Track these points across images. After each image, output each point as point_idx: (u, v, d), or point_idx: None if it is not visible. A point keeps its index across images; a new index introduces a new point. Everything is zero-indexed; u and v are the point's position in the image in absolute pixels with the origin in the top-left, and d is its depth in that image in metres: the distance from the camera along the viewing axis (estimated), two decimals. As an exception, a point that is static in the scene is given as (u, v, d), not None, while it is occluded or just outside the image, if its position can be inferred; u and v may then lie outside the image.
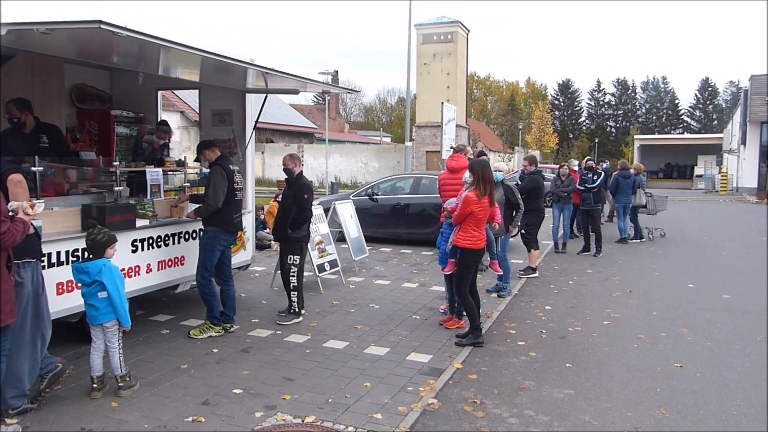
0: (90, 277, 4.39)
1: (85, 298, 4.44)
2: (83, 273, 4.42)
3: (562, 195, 11.70)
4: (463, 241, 5.92)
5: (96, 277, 4.38)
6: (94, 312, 4.43)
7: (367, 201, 12.27)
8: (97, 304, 4.41)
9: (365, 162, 39.31)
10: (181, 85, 8.59)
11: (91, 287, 4.40)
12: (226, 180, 5.94)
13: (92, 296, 4.41)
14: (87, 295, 4.43)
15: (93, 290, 4.41)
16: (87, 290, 4.42)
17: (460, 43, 37.95)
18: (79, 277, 4.44)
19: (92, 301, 4.42)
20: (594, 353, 5.74)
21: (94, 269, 4.40)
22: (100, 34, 4.07)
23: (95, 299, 4.41)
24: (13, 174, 4.11)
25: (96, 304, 4.41)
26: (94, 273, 4.39)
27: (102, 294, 4.41)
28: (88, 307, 4.44)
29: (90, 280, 4.39)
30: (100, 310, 4.42)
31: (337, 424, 4.10)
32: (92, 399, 4.43)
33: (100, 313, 4.43)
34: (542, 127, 65.21)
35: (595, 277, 9.46)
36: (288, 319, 6.53)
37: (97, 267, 4.41)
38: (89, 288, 4.41)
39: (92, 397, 4.45)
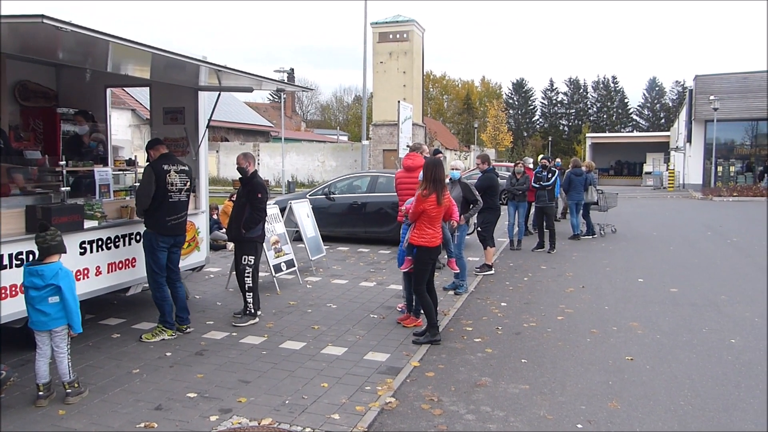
0: (44, 280, 4.21)
1: (33, 303, 4.25)
2: (36, 276, 4.23)
3: (517, 193, 11.90)
4: (418, 239, 5.95)
5: (51, 281, 4.21)
6: (43, 318, 4.25)
7: (324, 200, 12.20)
8: (48, 309, 4.24)
9: (322, 161, 39.15)
10: (131, 82, 8.37)
11: (43, 291, 4.22)
12: (154, 181, 5.74)
13: (42, 301, 4.23)
14: (36, 299, 4.23)
15: (44, 294, 4.23)
16: (37, 294, 4.23)
17: (416, 42, 38.18)
18: (31, 279, 4.24)
19: (42, 306, 4.24)
20: (548, 348, 5.85)
21: (49, 272, 4.23)
22: (43, 29, 3.92)
23: (45, 304, 4.23)
24: None
25: (46, 309, 4.24)
26: (50, 276, 4.22)
27: (53, 299, 4.24)
28: (36, 313, 4.25)
29: (43, 283, 4.21)
30: (51, 315, 4.25)
31: (294, 426, 4.06)
32: (38, 407, 4.27)
33: (51, 319, 4.26)
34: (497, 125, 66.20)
35: (549, 274, 9.66)
36: (244, 321, 6.44)
37: (53, 270, 4.25)
38: (40, 292, 4.22)
39: (38, 405, 4.29)
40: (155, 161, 5.89)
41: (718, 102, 31.29)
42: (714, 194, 28.94)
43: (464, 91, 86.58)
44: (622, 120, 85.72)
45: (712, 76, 34.74)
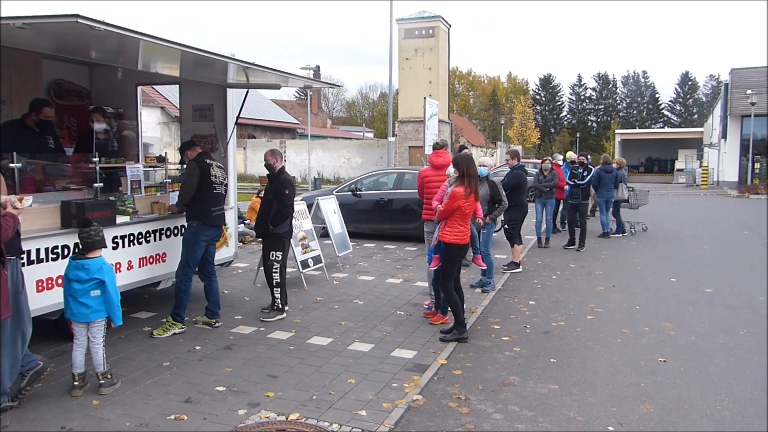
0: (88, 274, 4.33)
1: (76, 295, 4.36)
2: (81, 269, 4.35)
3: (544, 190, 11.76)
4: (449, 237, 5.92)
5: (95, 275, 4.34)
6: (84, 310, 4.36)
7: (351, 196, 12.23)
8: (89, 302, 4.36)
9: (348, 157, 39.22)
10: (161, 80, 8.49)
11: (86, 284, 4.34)
12: (199, 174, 5.94)
13: (85, 294, 4.35)
14: (79, 292, 4.35)
15: (87, 287, 4.34)
16: (80, 287, 4.34)
17: (442, 38, 37.94)
18: (76, 273, 4.36)
19: (84, 299, 4.35)
20: (578, 348, 5.78)
21: (94, 266, 4.36)
22: (77, 29, 3.99)
23: (87, 297, 4.35)
24: None
25: (88, 302, 4.36)
26: (94, 270, 4.34)
27: (95, 292, 4.36)
28: (78, 305, 4.36)
29: (87, 277, 4.33)
30: (92, 308, 4.37)
31: (321, 422, 4.08)
32: (73, 397, 4.37)
33: (92, 311, 4.37)
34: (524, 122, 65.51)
35: (578, 272, 9.53)
36: (271, 316, 6.49)
37: (97, 265, 4.38)
38: (83, 285, 4.34)
39: (73, 395, 4.39)
40: (198, 156, 6.09)
41: (756, 96, 30.38)
42: (751, 192, 28.16)
43: (490, 87, 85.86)
44: (653, 116, 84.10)
45: (749, 70, 33.76)
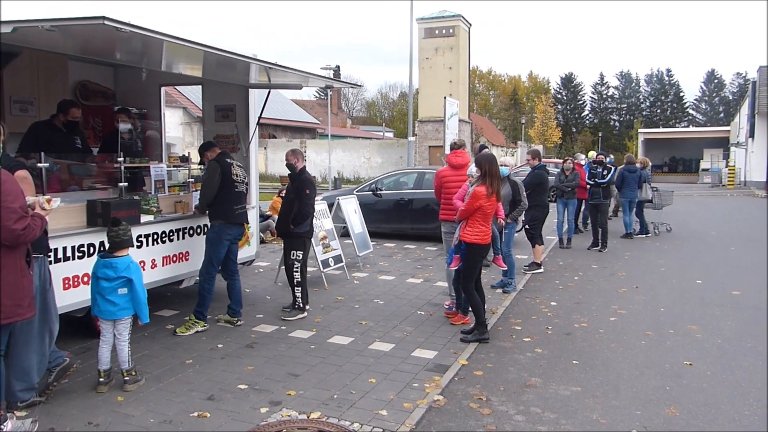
0: (116, 272, 4.41)
1: (104, 293, 4.43)
2: (110, 268, 4.43)
3: (566, 190, 11.65)
4: (471, 237, 5.89)
5: (123, 273, 4.41)
6: (111, 308, 4.43)
7: (371, 196, 12.24)
8: (117, 300, 4.43)
9: (368, 157, 39.25)
10: (184, 80, 8.58)
11: (114, 282, 4.41)
12: (220, 173, 6.00)
13: (112, 292, 4.42)
14: (107, 290, 4.42)
15: (115, 285, 4.42)
16: (108, 285, 4.42)
17: (462, 37, 37.78)
18: (104, 271, 4.43)
19: (112, 297, 4.43)
20: (601, 350, 5.71)
21: (122, 265, 4.43)
22: (103, 31, 4.05)
23: (115, 295, 4.43)
24: (19, 170, 4.11)
25: (115, 300, 4.43)
26: (122, 268, 4.42)
27: (122, 290, 4.44)
28: (106, 303, 4.44)
29: (115, 275, 4.41)
30: (119, 305, 4.44)
31: (342, 420, 4.09)
32: (99, 393, 4.43)
33: (119, 309, 4.44)
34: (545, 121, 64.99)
35: (601, 273, 9.43)
36: (292, 315, 6.52)
37: (125, 263, 4.45)
38: (111, 283, 4.42)
39: (99, 391, 4.45)
40: (219, 156, 6.16)
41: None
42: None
43: (511, 86, 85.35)
44: (677, 115, 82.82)
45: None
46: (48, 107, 6.80)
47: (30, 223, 3.56)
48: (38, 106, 7.07)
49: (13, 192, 3.52)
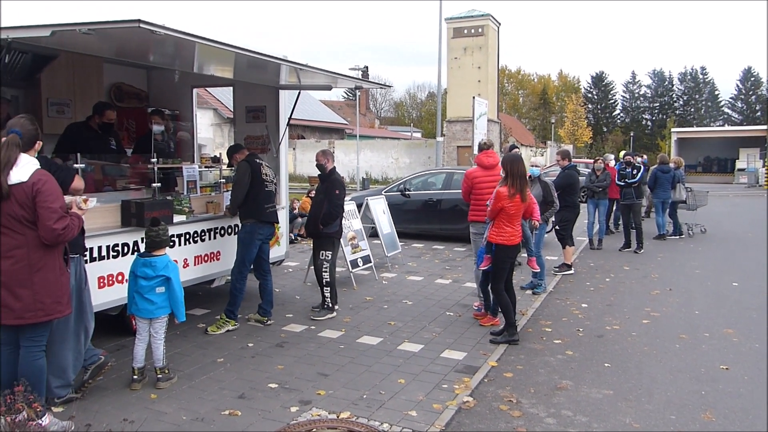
0: (155, 271, 4.50)
1: (143, 292, 4.52)
2: (149, 266, 4.52)
3: (597, 190, 11.48)
4: (496, 237, 5.86)
5: (162, 272, 4.50)
6: (149, 306, 4.51)
7: (399, 196, 12.24)
8: (155, 298, 4.51)
9: (396, 158, 39.25)
10: (216, 82, 8.69)
11: (152, 281, 4.50)
12: (250, 174, 6.07)
13: (150, 290, 4.51)
14: (145, 288, 4.51)
15: (153, 284, 4.50)
16: (147, 284, 4.51)
17: (491, 37, 37.56)
18: (143, 270, 4.52)
19: (150, 296, 4.51)
20: (633, 353, 5.61)
21: (160, 264, 4.52)
22: (138, 33, 4.12)
23: (153, 294, 4.51)
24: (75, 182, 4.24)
25: (153, 298, 4.51)
26: (161, 267, 4.50)
27: (160, 289, 4.52)
28: (144, 302, 4.52)
29: (154, 274, 4.49)
30: (157, 304, 4.52)
31: (372, 421, 4.09)
32: (132, 390, 4.51)
33: (156, 308, 4.52)
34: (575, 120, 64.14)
35: (633, 275, 9.27)
36: (322, 315, 6.55)
37: (163, 262, 4.54)
38: (150, 282, 4.50)
39: (132, 388, 4.53)
40: (248, 156, 6.24)
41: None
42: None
43: (540, 85, 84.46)
44: (712, 113, 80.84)
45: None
46: (84, 109, 6.96)
47: (69, 223, 3.65)
48: (74, 107, 7.23)
49: (53, 193, 3.61)
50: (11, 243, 3.57)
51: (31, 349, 3.74)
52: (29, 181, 3.54)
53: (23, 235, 3.57)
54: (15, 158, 3.54)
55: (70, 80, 7.21)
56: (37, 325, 3.71)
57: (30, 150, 3.73)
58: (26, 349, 3.74)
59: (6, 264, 3.57)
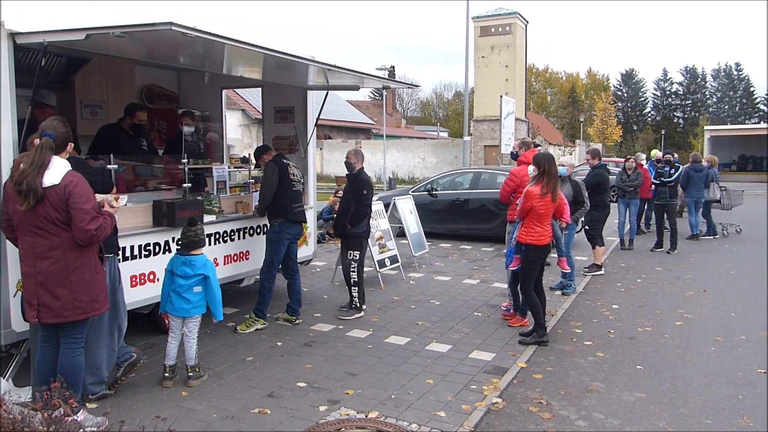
0: (194, 270, 4.56)
1: (180, 291, 4.58)
2: (188, 265, 4.58)
3: (628, 189, 11.29)
4: (525, 237, 5.80)
5: (200, 271, 4.57)
6: (186, 305, 4.58)
7: (426, 196, 12.20)
8: (192, 297, 4.58)
9: (422, 157, 39.15)
10: (245, 83, 8.77)
11: (191, 280, 4.56)
12: (278, 174, 6.12)
13: (188, 289, 4.57)
14: (183, 287, 4.57)
15: (191, 283, 4.57)
16: (185, 283, 4.57)
17: (519, 35, 37.20)
18: (183, 269, 4.59)
19: (187, 294, 4.58)
20: (666, 355, 5.50)
21: (199, 262, 4.60)
22: (170, 36, 4.17)
23: (190, 293, 4.58)
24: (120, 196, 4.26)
25: (190, 297, 4.58)
26: (199, 266, 4.58)
27: (197, 288, 4.59)
28: (181, 300, 4.59)
29: (193, 273, 4.56)
30: (193, 303, 4.58)
31: (400, 421, 4.08)
32: (164, 387, 4.58)
33: (193, 306, 4.59)
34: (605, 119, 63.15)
35: (665, 276, 9.08)
36: (349, 314, 6.57)
37: (201, 261, 4.62)
38: (188, 281, 4.57)
39: (164, 386, 4.60)
40: (276, 157, 6.30)
41: None
42: None
43: (569, 84, 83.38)
44: (747, 110, 78.83)
45: None
46: (116, 110, 7.08)
47: (102, 223, 3.72)
48: (107, 109, 7.37)
49: (85, 194, 3.68)
50: (47, 244, 3.65)
51: (70, 346, 3.83)
52: (61, 184, 3.61)
53: (58, 236, 3.65)
54: (48, 160, 3.61)
55: (103, 82, 7.35)
56: (75, 323, 3.79)
57: (62, 152, 3.80)
58: (66, 346, 3.83)
59: (43, 265, 3.66)
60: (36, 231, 3.64)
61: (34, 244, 3.66)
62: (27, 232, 3.67)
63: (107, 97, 7.41)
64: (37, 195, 3.54)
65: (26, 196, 3.53)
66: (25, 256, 3.73)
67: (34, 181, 3.53)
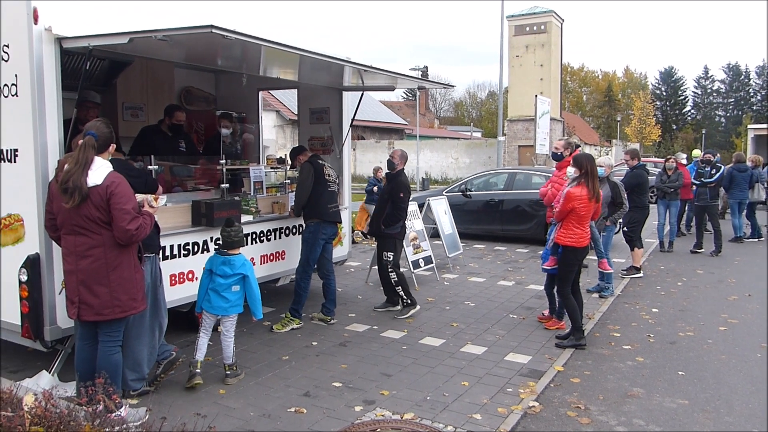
0: (233, 269, 4.62)
1: (219, 290, 4.64)
2: (228, 265, 4.64)
3: (668, 190, 11.02)
4: (564, 239, 5.71)
5: (239, 270, 4.62)
6: (224, 304, 4.64)
7: (460, 197, 12.13)
8: (230, 296, 4.64)
9: (455, 158, 38.98)
10: (281, 85, 8.84)
11: (230, 279, 4.62)
12: (314, 174, 6.15)
13: (227, 288, 4.63)
14: (222, 286, 4.63)
15: (230, 282, 4.63)
16: (224, 282, 4.63)
17: (554, 34, 36.74)
18: (222, 268, 4.65)
19: (226, 293, 4.63)
20: (710, 361, 5.35)
21: (238, 262, 4.65)
22: (209, 38, 4.24)
23: (229, 292, 4.63)
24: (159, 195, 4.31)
25: (229, 296, 4.64)
26: (238, 265, 4.64)
27: (236, 287, 4.64)
28: (219, 299, 4.64)
29: (232, 272, 4.62)
30: (231, 302, 4.64)
31: (436, 423, 4.06)
32: (196, 386, 4.54)
33: (231, 305, 4.65)
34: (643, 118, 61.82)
35: (707, 279, 8.84)
36: (405, 312, 6.60)
37: (240, 260, 4.67)
38: (227, 280, 4.63)
39: (195, 383, 4.53)
40: (311, 158, 6.34)
41: None
42: None
43: (605, 82, 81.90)
44: (793, 109, 76.27)
45: None
46: (156, 112, 7.23)
47: (142, 223, 3.80)
48: (147, 111, 7.53)
49: (126, 194, 3.76)
50: (89, 243, 3.74)
51: (108, 344, 3.91)
52: (103, 184, 3.69)
53: (99, 235, 3.74)
54: (91, 159, 3.70)
55: (144, 85, 7.52)
56: (113, 322, 3.88)
57: (104, 153, 3.88)
58: (103, 344, 3.91)
59: (85, 263, 3.75)
60: (78, 230, 3.74)
61: (76, 242, 3.76)
62: (69, 231, 3.77)
63: (147, 99, 7.57)
64: (82, 193, 3.63)
65: (71, 195, 3.62)
66: (68, 254, 3.83)
67: (79, 180, 3.63)
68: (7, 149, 4.44)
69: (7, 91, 4.38)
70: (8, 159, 4.45)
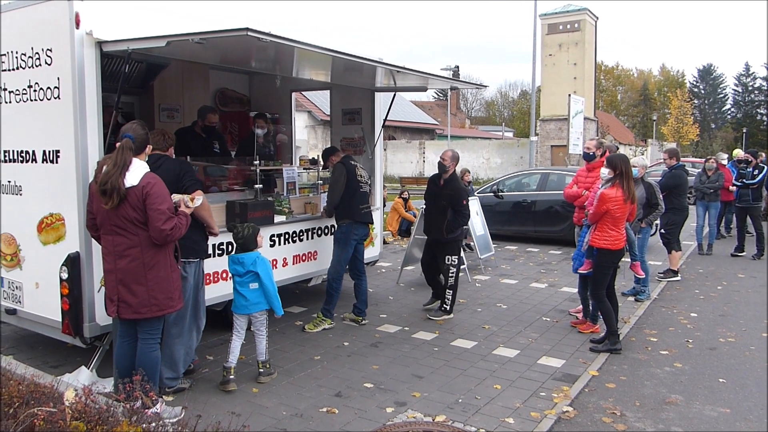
0: (244, 267, 4.67)
1: (237, 288, 4.71)
2: (238, 263, 4.70)
3: (708, 191, 10.73)
4: (599, 241, 5.61)
5: (250, 267, 4.65)
6: (243, 302, 4.69)
7: (492, 198, 12.03)
8: (248, 294, 4.67)
9: (487, 158, 38.72)
10: (314, 86, 8.91)
11: (244, 277, 4.67)
12: (346, 175, 6.15)
13: (244, 286, 4.68)
14: (239, 284, 4.70)
15: (245, 280, 4.67)
16: (240, 280, 4.69)
17: (588, 32, 36.22)
18: (234, 267, 4.72)
19: (243, 291, 4.68)
20: (752, 369, 5.18)
21: (248, 260, 4.68)
22: (244, 41, 4.28)
23: (246, 290, 4.68)
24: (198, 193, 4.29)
25: (246, 294, 4.68)
26: (249, 263, 4.67)
27: (253, 285, 4.67)
28: (239, 297, 4.70)
29: (244, 270, 4.66)
30: (250, 300, 4.68)
31: (468, 426, 4.03)
32: (228, 392, 4.54)
33: (251, 303, 4.68)
34: (680, 117, 60.41)
35: (749, 283, 8.58)
36: (437, 315, 6.58)
37: (251, 258, 4.70)
38: (242, 278, 4.68)
39: (228, 389, 4.55)
40: (344, 158, 6.36)
41: None
42: None
43: (640, 81, 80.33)
44: (839, 106, 73.58)
45: None
46: (192, 114, 7.35)
47: (177, 223, 3.85)
48: (183, 112, 7.66)
49: (161, 195, 3.82)
50: (127, 243, 3.82)
51: (147, 342, 3.99)
52: (139, 185, 3.76)
53: (137, 235, 3.81)
54: (129, 161, 3.78)
55: (180, 87, 7.65)
56: (152, 320, 3.95)
57: (141, 154, 3.96)
58: (143, 342, 3.99)
59: (123, 263, 3.83)
60: (116, 230, 3.82)
61: (115, 242, 3.84)
62: (108, 231, 3.86)
63: (183, 100, 7.70)
64: (120, 194, 3.71)
65: (110, 196, 3.70)
66: (107, 254, 3.92)
67: (118, 181, 3.70)
68: (50, 150, 4.57)
69: (50, 94, 4.50)
70: (50, 160, 4.57)
